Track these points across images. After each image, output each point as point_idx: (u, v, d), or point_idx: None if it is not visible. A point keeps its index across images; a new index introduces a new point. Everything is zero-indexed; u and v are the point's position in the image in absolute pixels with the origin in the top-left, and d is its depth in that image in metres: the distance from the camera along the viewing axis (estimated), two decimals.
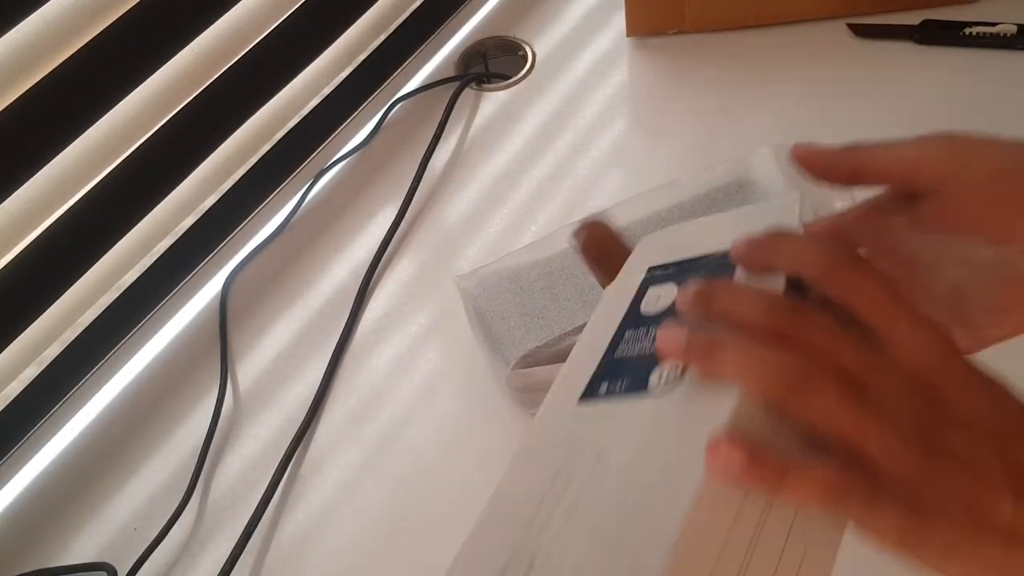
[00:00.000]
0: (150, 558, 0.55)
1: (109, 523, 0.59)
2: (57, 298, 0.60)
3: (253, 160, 0.71)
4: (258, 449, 0.61)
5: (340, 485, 0.58)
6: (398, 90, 0.80)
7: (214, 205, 0.70)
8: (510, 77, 0.80)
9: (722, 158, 0.61)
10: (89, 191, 0.59)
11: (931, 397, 0.28)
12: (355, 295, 0.67)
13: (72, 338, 0.63)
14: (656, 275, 0.36)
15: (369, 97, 0.80)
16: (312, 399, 0.62)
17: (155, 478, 0.60)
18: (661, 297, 0.35)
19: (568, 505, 0.31)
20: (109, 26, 0.55)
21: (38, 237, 0.57)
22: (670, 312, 0.33)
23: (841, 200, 0.58)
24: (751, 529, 0.28)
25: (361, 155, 0.75)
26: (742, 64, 0.77)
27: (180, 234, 0.68)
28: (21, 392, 0.61)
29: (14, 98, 0.52)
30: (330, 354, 0.64)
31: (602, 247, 0.42)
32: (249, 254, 0.70)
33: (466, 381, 0.62)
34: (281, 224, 0.72)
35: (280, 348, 0.65)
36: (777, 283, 0.31)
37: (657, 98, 0.77)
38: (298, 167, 0.76)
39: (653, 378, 0.31)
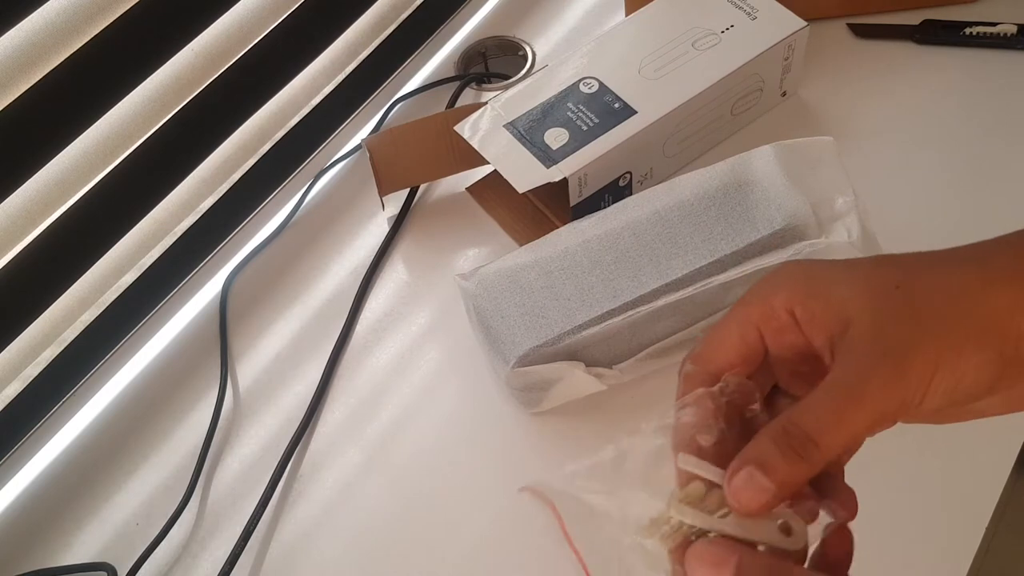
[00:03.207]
0: (150, 558, 0.55)
1: (109, 523, 0.59)
2: (57, 298, 0.60)
3: (253, 160, 0.72)
4: (258, 449, 0.61)
5: (340, 485, 0.58)
6: (398, 90, 0.80)
7: (214, 205, 0.70)
8: (510, 77, 0.80)
9: (723, 156, 0.61)
10: (89, 191, 0.59)
11: None
12: (355, 295, 0.67)
13: (72, 338, 0.63)
14: None
15: (369, 97, 0.80)
16: (311, 399, 0.62)
17: (155, 478, 0.60)
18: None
19: None
20: (109, 26, 0.55)
21: (38, 237, 0.57)
22: None
23: (843, 196, 0.58)
24: None
25: (361, 155, 0.75)
26: None
27: (180, 234, 0.68)
28: (21, 392, 0.61)
29: (14, 98, 0.52)
30: (329, 354, 0.64)
31: None
32: (249, 254, 0.70)
33: (466, 381, 0.62)
34: (281, 224, 0.72)
35: (280, 348, 0.65)
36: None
37: None
38: (298, 167, 0.76)
39: None
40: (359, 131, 0.78)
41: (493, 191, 0.70)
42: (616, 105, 0.65)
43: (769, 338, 0.33)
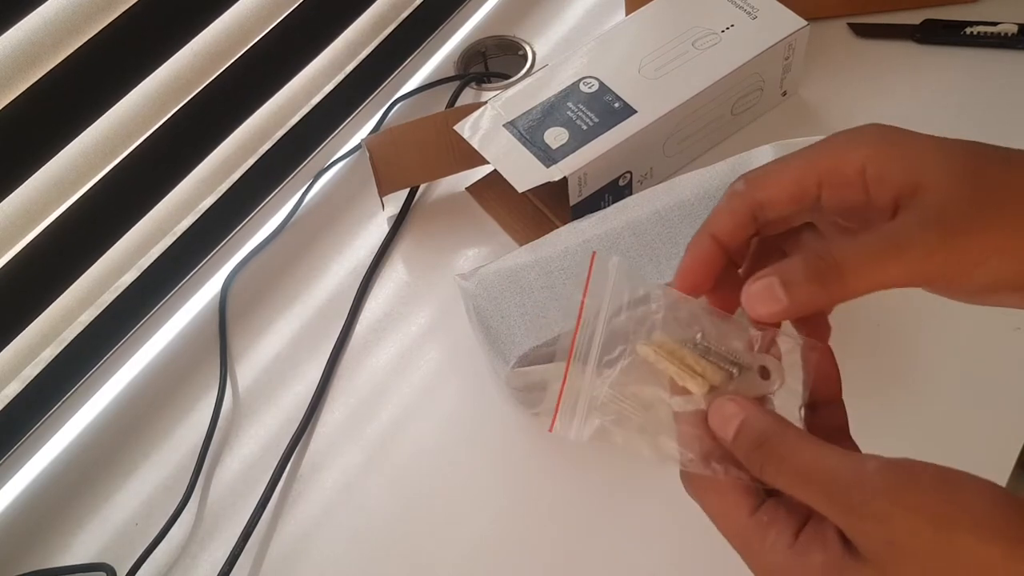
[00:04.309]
0: (150, 558, 0.55)
1: (109, 523, 0.59)
2: (56, 298, 0.60)
3: (253, 160, 0.71)
4: (258, 449, 0.61)
5: (340, 485, 0.58)
6: (398, 90, 0.80)
7: (213, 205, 0.70)
8: (510, 77, 0.80)
9: (723, 156, 0.61)
10: (88, 191, 0.59)
11: None
12: (355, 295, 0.67)
13: (71, 338, 0.63)
14: None
15: (369, 97, 0.80)
16: (311, 399, 0.61)
17: (155, 478, 0.60)
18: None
19: None
20: (108, 25, 0.55)
21: (37, 237, 0.57)
22: None
23: None
24: None
25: (361, 155, 0.75)
26: None
27: (179, 234, 0.68)
28: (21, 392, 0.61)
29: (12, 98, 0.52)
30: (329, 354, 0.64)
31: None
32: (249, 254, 0.70)
33: (466, 381, 0.62)
34: (281, 224, 0.72)
35: (280, 348, 0.65)
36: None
37: None
38: (298, 167, 0.76)
39: None
40: (359, 131, 0.78)
41: (493, 191, 0.70)
42: (616, 104, 0.64)
43: (828, 191, 0.33)
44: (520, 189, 0.62)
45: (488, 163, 0.64)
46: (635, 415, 0.33)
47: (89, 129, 0.57)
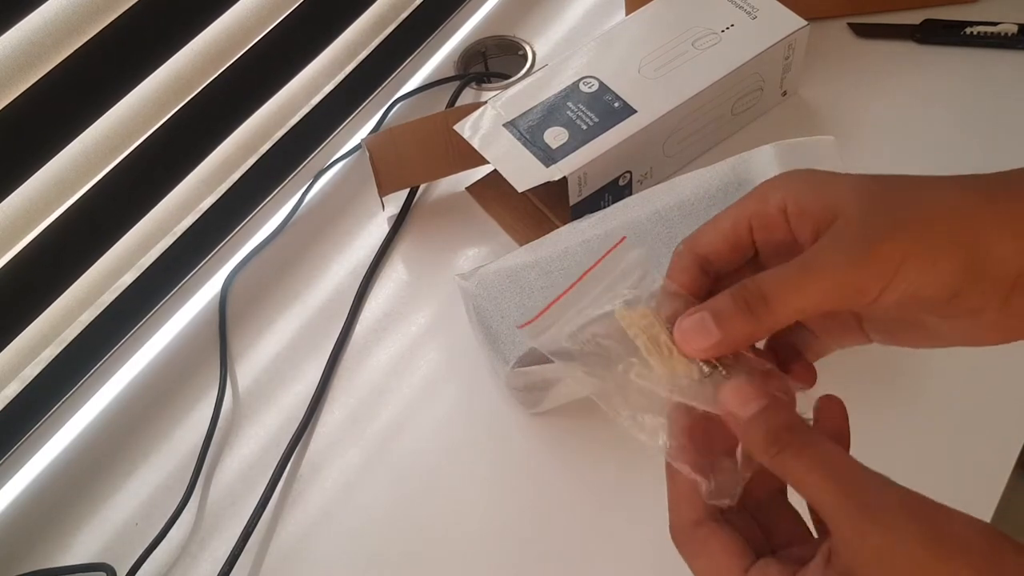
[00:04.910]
0: (150, 558, 0.55)
1: (109, 523, 0.59)
2: (56, 298, 0.60)
3: (253, 160, 0.71)
4: (258, 449, 0.61)
5: (340, 485, 0.58)
6: (398, 90, 0.80)
7: (213, 205, 0.70)
8: (510, 77, 0.80)
9: (723, 156, 0.61)
10: (88, 191, 0.59)
11: None
12: (355, 295, 0.67)
13: (72, 338, 0.63)
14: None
15: (369, 97, 0.80)
16: (311, 399, 0.61)
17: (155, 478, 0.60)
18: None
19: None
20: (108, 25, 0.55)
21: (37, 237, 0.57)
22: None
23: None
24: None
25: (361, 155, 0.75)
26: None
27: (179, 234, 0.68)
28: (20, 392, 0.61)
29: (12, 98, 0.52)
30: (329, 354, 0.64)
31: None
32: (249, 254, 0.70)
33: (466, 381, 0.62)
34: (281, 224, 0.72)
35: (280, 348, 0.65)
36: None
37: None
38: (298, 167, 0.76)
39: None
40: (359, 131, 0.78)
41: (493, 191, 0.70)
42: (616, 104, 0.64)
43: (757, 233, 0.35)
44: (520, 189, 0.62)
45: (488, 163, 0.64)
46: (598, 363, 0.34)
47: (90, 129, 0.57)
